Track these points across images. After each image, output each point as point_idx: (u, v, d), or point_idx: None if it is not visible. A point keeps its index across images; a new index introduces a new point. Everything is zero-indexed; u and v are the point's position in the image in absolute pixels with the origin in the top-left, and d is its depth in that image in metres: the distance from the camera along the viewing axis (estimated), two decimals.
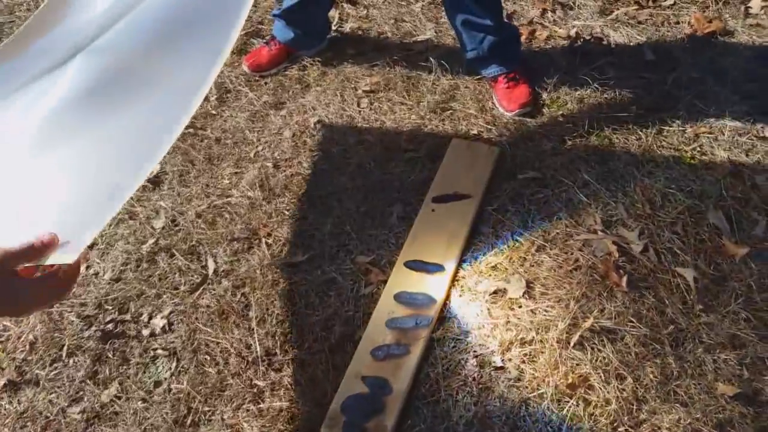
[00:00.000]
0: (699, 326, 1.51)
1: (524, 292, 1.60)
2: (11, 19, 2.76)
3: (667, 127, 1.90)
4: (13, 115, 0.86)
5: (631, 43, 2.17)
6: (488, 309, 1.59)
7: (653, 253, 1.63)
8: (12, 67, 0.93)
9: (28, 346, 1.67)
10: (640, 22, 2.23)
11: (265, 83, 2.24)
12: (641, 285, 1.59)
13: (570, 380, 1.45)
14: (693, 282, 1.56)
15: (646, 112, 1.94)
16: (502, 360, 1.51)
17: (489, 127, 1.98)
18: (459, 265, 1.67)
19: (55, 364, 1.64)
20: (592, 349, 1.49)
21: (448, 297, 1.62)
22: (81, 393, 1.58)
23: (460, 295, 1.62)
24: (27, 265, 0.69)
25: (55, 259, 0.69)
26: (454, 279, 1.65)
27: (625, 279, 1.59)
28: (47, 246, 0.68)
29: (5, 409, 1.57)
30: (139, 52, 0.87)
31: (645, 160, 1.83)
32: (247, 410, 1.48)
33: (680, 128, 1.90)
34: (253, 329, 1.62)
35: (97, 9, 0.92)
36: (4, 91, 0.88)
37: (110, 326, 1.68)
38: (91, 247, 1.85)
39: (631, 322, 1.52)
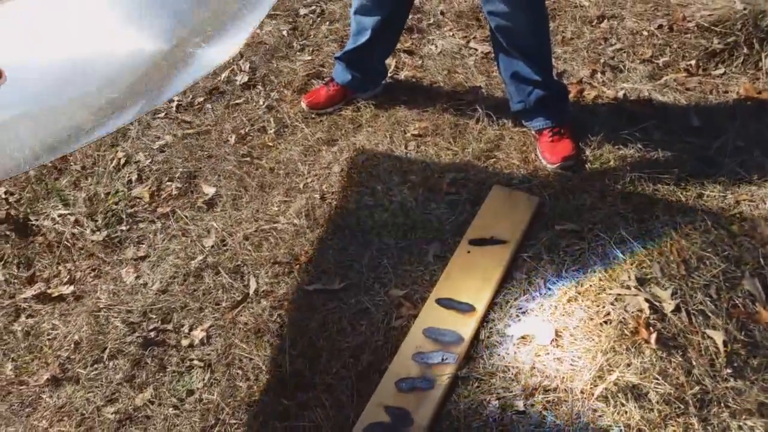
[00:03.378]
0: (726, 390, 1.49)
1: (552, 340, 1.62)
2: None
3: (707, 192, 1.92)
4: None
5: (678, 109, 2.21)
6: (515, 353, 1.61)
7: (685, 313, 1.63)
8: None
9: (72, 345, 1.78)
10: (688, 89, 2.27)
11: (321, 121, 2.36)
12: (670, 344, 1.59)
13: None
14: (722, 345, 1.55)
15: (688, 176, 1.97)
16: (525, 405, 1.52)
17: (530, 177, 2.04)
18: (490, 307, 1.70)
19: (96, 365, 1.73)
20: (615, 402, 1.49)
21: (476, 337, 1.65)
22: (117, 394, 1.66)
23: (488, 337, 1.65)
24: None
25: None
26: (484, 320, 1.68)
27: (654, 336, 1.59)
28: None
29: (45, 402, 1.66)
30: None
31: (683, 222, 1.84)
32: (273, 427, 1.53)
33: (721, 194, 1.91)
34: (285, 349, 1.68)
35: None
36: None
37: (152, 334, 1.77)
38: (143, 259, 1.97)
39: (657, 379, 1.52)
